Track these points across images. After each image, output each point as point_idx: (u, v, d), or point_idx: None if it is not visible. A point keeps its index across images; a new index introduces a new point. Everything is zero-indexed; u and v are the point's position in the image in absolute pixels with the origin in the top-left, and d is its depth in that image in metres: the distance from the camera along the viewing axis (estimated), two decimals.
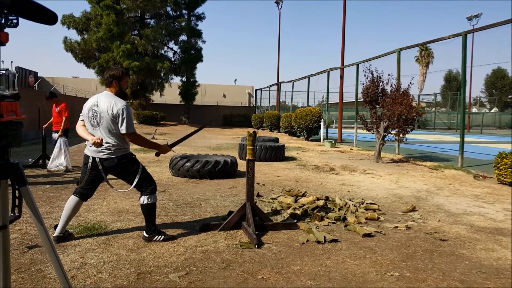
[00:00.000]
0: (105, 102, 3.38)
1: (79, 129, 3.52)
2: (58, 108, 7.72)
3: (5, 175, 1.42)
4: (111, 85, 3.48)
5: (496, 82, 53.23)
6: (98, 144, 3.33)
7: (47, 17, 1.33)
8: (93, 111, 3.41)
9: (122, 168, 3.46)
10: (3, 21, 1.24)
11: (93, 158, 3.40)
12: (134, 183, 3.46)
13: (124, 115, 3.34)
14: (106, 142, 3.37)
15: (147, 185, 3.51)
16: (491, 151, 11.98)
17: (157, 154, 3.74)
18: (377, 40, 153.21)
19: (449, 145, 15.48)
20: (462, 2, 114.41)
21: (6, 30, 1.26)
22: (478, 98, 55.01)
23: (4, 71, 1.35)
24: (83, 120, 3.53)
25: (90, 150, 3.43)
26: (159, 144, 3.66)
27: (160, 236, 3.55)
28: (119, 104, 3.36)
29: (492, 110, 48.63)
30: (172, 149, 3.72)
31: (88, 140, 3.40)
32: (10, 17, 1.25)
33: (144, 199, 3.49)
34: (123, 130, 3.36)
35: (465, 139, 9.73)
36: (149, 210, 3.53)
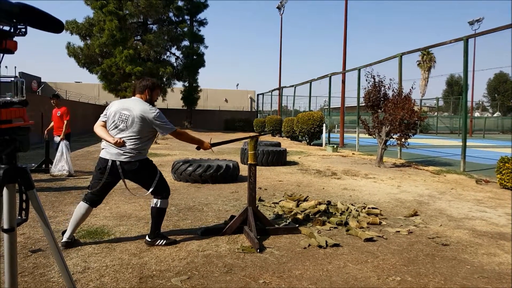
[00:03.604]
0: (138, 106, 3.41)
1: (98, 129, 3.48)
2: (59, 112, 7.78)
3: (13, 179, 1.46)
4: (143, 92, 3.55)
5: (499, 87, 53.16)
6: (121, 145, 3.31)
7: (54, 26, 1.37)
8: (122, 114, 3.40)
9: (141, 172, 3.46)
10: (12, 30, 1.27)
11: (113, 162, 3.36)
12: (152, 187, 3.47)
13: (160, 120, 3.42)
14: (130, 146, 3.36)
15: (162, 189, 3.54)
16: (493, 155, 11.97)
17: (198, 148, 3.78)
18: (378, 45, 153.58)
19: (451, 150, 15.47)
20: (465, 4, 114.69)
21: (15, 38, 1.30)
22: (480, 103, 54.98)
23: (13, 78, 1.39)
24: (103, 121, 3.51)
25: (109, 154, 3.38)
26: (203, 140, 3.73)
27: (162, 241, 3.56)
28: (154, 110, 3.43)
29: (495, 115, 48.54)
30: (212, 148, 3.77)
31: (107, 141, 3.36)
32: (18, 26, 1.28)
33: (157, 203, 3.52)
34: (166, 132, 3.44)
35: (467, 143, 9.73)
36: (158, 214, 3.55)
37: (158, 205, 3.52)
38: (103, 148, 3.47)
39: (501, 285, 2.91)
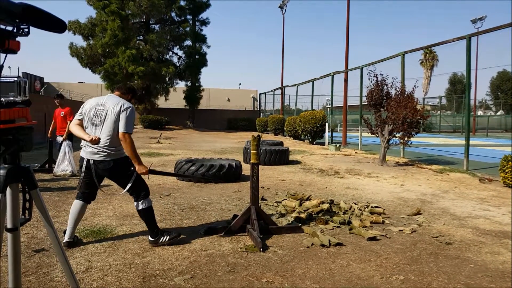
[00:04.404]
0: (112, 101, 3.43)
1: (74, 128, 3.45)
2: (63, 112, 7.81)
3: (16, 178, 1.46)
4: (126, 94, 3.60)
5: (502, 85, 52.84)
6: (96, 142, 3.28)
7: (56, 26, 1.37)
8: (96, 109, 3.42)
9: (117, 171, 3.44)
10: (14, 30, 1.28)
11: (88, 160, 3.38)
12: (128, 186, 3.44)
13: (128, 114, 3.37)
14: (105, 143, 3.34)
15: (140, 190, 3.50)
16: (496, 154, 11.91)
17: (133, 169, 3.50)
18: (381, 44, 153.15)
19: (454, 148, 15.41)
20: (466, 4, 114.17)
21: (18, 38, 1.30)
22: (483, 101, 54.76)
23: (16, 78, 1.39)
24: (79, 120, 3.48)
25: (85, 152, 3.41)
26: (140, 161, 3.47)
27: (165, 237, 3.55)
28: (126, 104, 3.44)
29: (498, 113, 48.31)
30: (148, 175, 3.52)
31: (85, 139, 3.34)
32: (21, 26, 1.29)
33: (139, 205, 3.49)
34: (122, 127, 3.34)
35: (471, 142, 9.69)
36: (147, 214, 3.52)
37: (141, 207, 3.48)
38: (82, 147, 3.48)
39: (504, 284, 2.90)
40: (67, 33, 24.98)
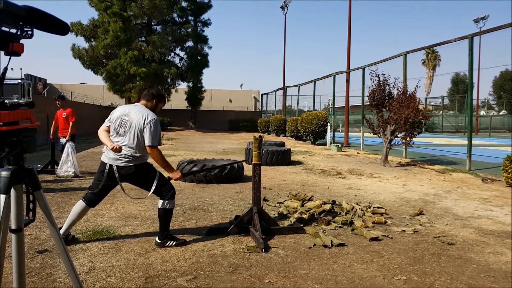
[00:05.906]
0: (137, 112, 3.46)
1: (102, 134, 3.54)
2: (65, 113, 7.84)
3: (20, 179, 1.47)
4: (150, 100, 3.61)
5: (504, 85, 52.64)
6: (117, 150, 3.35)
7: (60, 28, 1.38)
8: (122, 120, 3.47)
9: (139, 176, 3.51)
10: (18, 32, 1.29)
11: (110, 166, 3.44)
12: (152, 190, 3.49)
13: (153, 127, 3.43)
14: (128, 151, 3.41)
15: (166, 190, 3.55)
16: (499, 154, 11.88)
17: (169, 178, 3.66)
18: (383, 44, 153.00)
19: (456, 148, 15.37)
20: (469, 4, 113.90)
21: (21, 41, 1.32)
22: (486, 101, 54.61)
23: (19, 80, 1.40)
24: (107, 126, 3.56)
25: (107, 158, 3.47)
26: (173, 168, 3.66)
27: (172, 242, 3.57)
28: (151, 115, 3.47)
29: (501, 113, 48.15)
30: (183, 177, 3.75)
31: (107, 146, 3.43)
32: (25, 29, 1.30)
33: (162, 204, 3.53)
34: (148, 141, 3.41)
35: (473, 142, 9.67)
36: (165, 215, 3.55)
37: (163, 207, 3.53)
38: (103, 152, 3.55)
39: (507, 285, 2.90)
40: (70, 35, 25.03)
